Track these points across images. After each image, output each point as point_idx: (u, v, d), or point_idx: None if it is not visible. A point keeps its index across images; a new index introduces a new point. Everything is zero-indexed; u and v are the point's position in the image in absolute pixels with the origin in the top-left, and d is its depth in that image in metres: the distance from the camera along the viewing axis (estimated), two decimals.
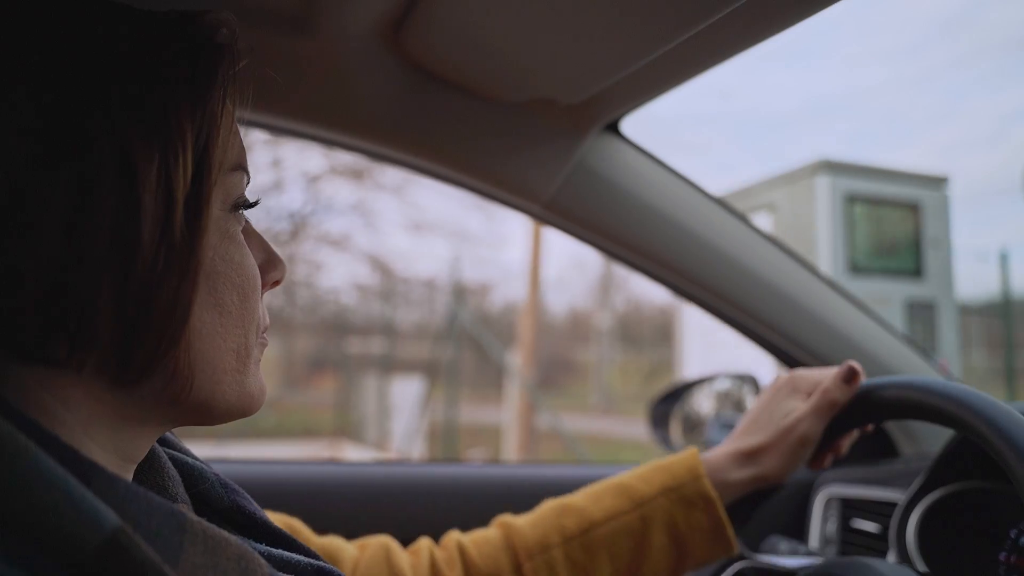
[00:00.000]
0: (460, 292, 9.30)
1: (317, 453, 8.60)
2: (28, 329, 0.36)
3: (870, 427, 0.79)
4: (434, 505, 1.03)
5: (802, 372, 0.80)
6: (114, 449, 0.41)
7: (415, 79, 0.76)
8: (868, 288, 5.70)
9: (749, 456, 0.75)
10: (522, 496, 1.12)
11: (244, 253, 0.44)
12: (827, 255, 5.88)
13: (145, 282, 0.37)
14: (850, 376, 0.75)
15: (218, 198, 0.42)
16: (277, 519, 0.69)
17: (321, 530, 0.74)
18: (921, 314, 6.08)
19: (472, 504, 1.09)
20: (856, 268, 5.97)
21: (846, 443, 0.79)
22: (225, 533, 0.39)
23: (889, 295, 5.98)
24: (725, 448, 0.77)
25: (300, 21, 0.65)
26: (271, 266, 0.47)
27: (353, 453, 8.67)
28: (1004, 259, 6.82)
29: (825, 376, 0.77)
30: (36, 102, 0.35)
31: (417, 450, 8.19)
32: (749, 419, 0.78)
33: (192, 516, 0.38)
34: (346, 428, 10.16)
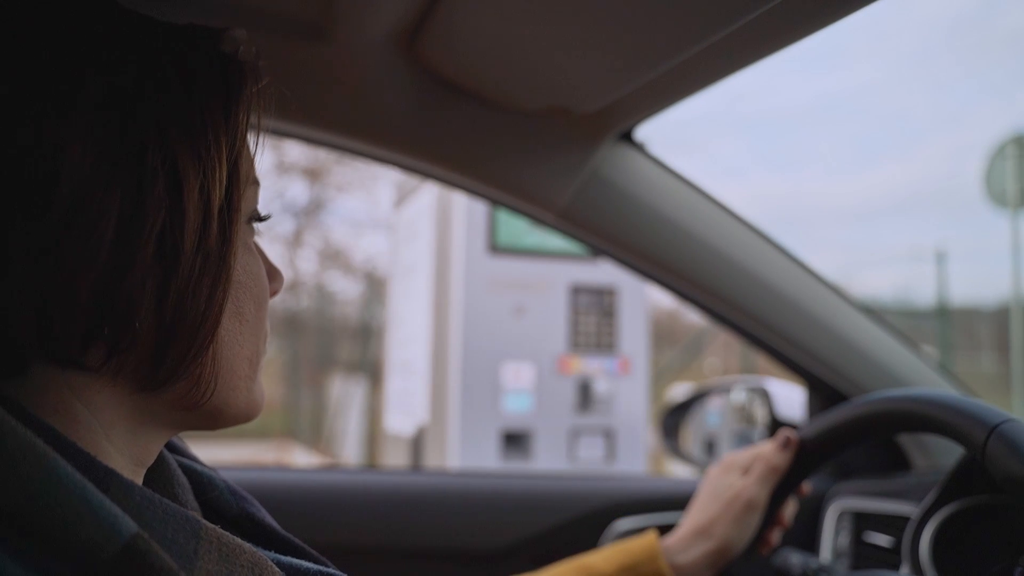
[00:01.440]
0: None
1: (264, 456, 8.26)
2: (71, 335, 0.36)
3: (805, 491, 0.86)
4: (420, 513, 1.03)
5: (734, 453, 0.86)
6: (129, 453, 0.41)
7: (430, 87, 0.77)
8: None
9: (702, 532, 0.81)
10: (503, 506, 1.12)
11: (259, 264, 0.46)
12: None
13: (182, 290, 0.38)
14: (785, 444, 0.81)
15: (242, 210, 0.43)
16: None
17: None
18: None
19: (453, 513, 1.09)
20: None
21: (790, 512, 0.85)
22: (239, 540, 0.39)
23: None
24: (682, 529, 0.82)
25: (317, 28, 0.66)
26: (272, 277, 0.49)
27: (301, 457, 8.44)
28: (940, 259, 6.70)
29: (761, 448, 0.83)
30: (96, 116, 0.36)
31: (352, 455, 7.79)
32: (698, 501, 0.84)
33: (206, 523, 0.38)
34: (295, 430, 9.88)
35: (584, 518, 1.13)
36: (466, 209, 2.45)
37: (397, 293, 3.14)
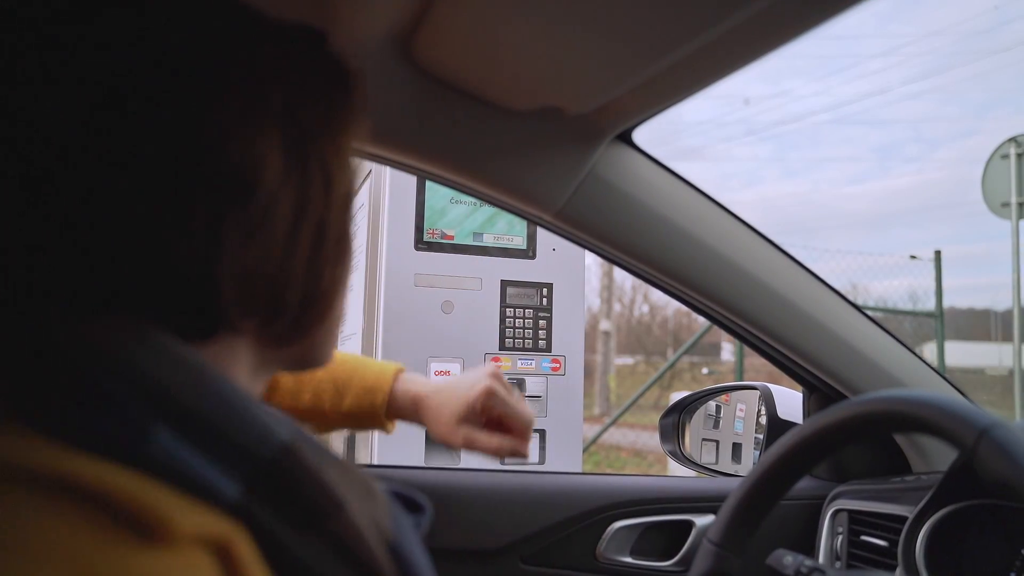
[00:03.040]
0: None
1: None
2: (239, 308, 0.42)
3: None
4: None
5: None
6: None
7: (427, 87, 0.77)
8: None
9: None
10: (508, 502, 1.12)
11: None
12: None
13: (324, 267, 0.46)
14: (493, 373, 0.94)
15: None
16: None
17: None
18: None
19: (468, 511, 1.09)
20: None
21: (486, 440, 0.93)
22: (347, 459, 0.48)
23: None
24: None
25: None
26: None
27: None
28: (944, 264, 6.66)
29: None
30: (281, 129, 0.43)
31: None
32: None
33: (326, 442, 0.45)
34: None
35: (582, 517, 1.13)
36: (394, 203, 2.39)
37: None
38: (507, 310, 2.45)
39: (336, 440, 2.77)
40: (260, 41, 0.44)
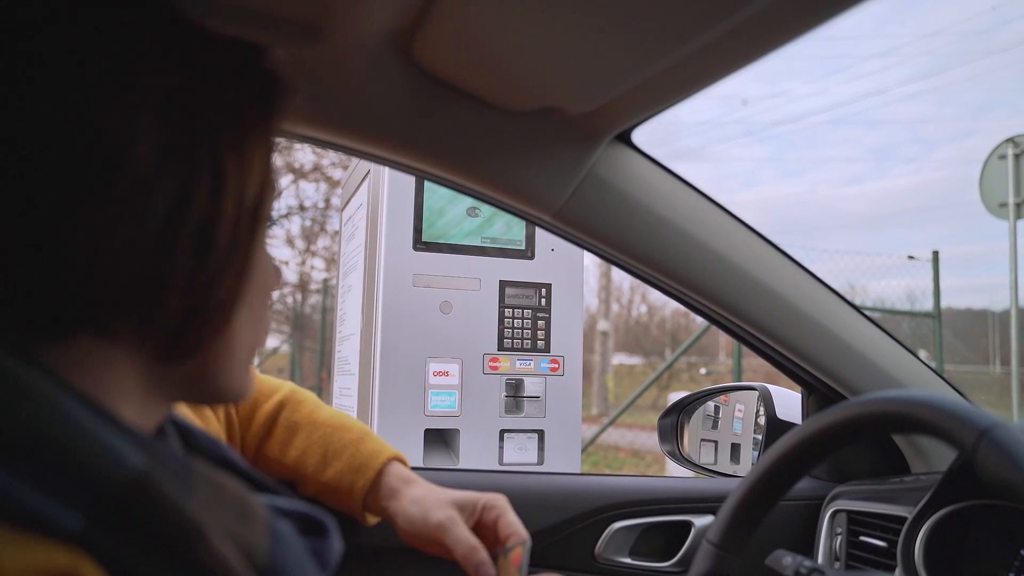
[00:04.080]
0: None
1: None
2: (104, 304, 0.40)
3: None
4: None
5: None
6: (138, 419, 0.46)
7: (426, 87, 0.77)
8: None
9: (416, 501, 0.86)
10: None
11: (269, 260, 0.52)
12: None
13: (211, 277, 0.43)
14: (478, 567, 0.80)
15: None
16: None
17: None
18: None
19: None
20: None
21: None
22: (225, 477, 0.45)
23: None
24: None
25: (313, 28, 0.66)
26: (273, 274, 0.53)
27: None
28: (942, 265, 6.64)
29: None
30: (159, 117, 0.41)
31: None
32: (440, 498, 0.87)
33: (197, 462, 0.43)
34: None
35: (580, 517, 1.13)
36: (392, 204, 2.39)
37: (342, 292, 3.11)
38: (506, 310, 2.45)
39: None
40: (156, 35, 0.42)
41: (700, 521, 1.15)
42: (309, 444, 0.91)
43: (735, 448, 1.35)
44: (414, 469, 0.95)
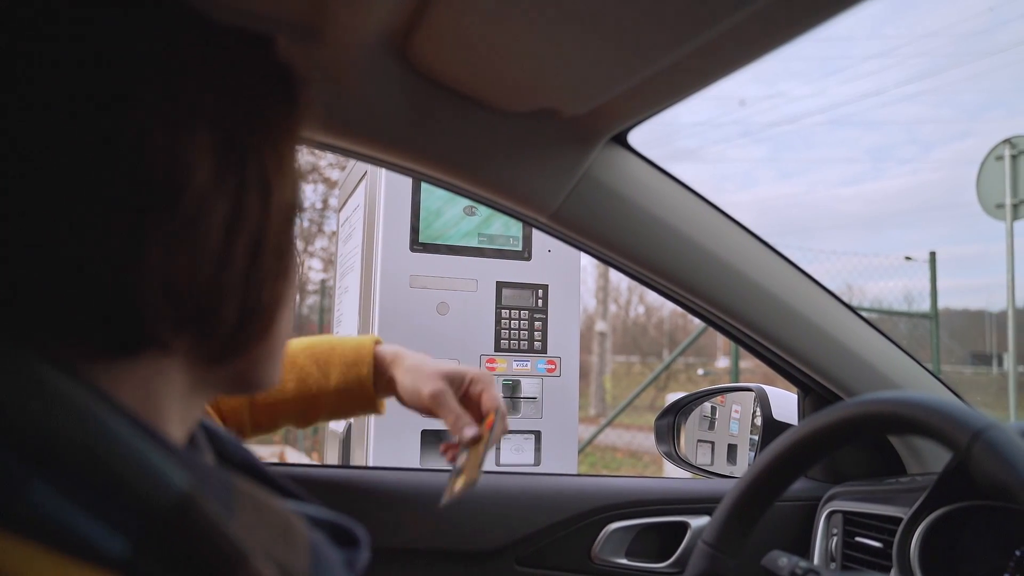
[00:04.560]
0: None
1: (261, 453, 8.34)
2: (167, 323, 0.40)
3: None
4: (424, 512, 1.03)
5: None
6: (182, 418, 0.46)
7: (422, 88, 0.77)
8: None
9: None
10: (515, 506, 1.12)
11: (296, 252, 0.52)
12: None
13: (262, 282, 0.44)
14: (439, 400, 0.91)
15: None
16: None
17: None
18: None
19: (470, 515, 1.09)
20: None
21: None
22: (267, 495, 0.44)
23: None
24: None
25: (309, 29, 0.66)
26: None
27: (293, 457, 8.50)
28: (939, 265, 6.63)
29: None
30: (214, 136, 0.41)
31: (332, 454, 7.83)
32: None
33: (238, 480, 0.42)
34: (292, 431, 10.03)
35: (577, 518, 1.13)
36: (389, 205, 2.38)
37: (339, 293, 3.10)
38: (503, 311, 2.45)
39: (332, 442, 2.75)
40: (192, 41, 0.42)
41: (696, 522, 1.15)
42: (300, 369, 0.96)
43: (731, 449, 1.35)
44: (410, 471, 0.95)
